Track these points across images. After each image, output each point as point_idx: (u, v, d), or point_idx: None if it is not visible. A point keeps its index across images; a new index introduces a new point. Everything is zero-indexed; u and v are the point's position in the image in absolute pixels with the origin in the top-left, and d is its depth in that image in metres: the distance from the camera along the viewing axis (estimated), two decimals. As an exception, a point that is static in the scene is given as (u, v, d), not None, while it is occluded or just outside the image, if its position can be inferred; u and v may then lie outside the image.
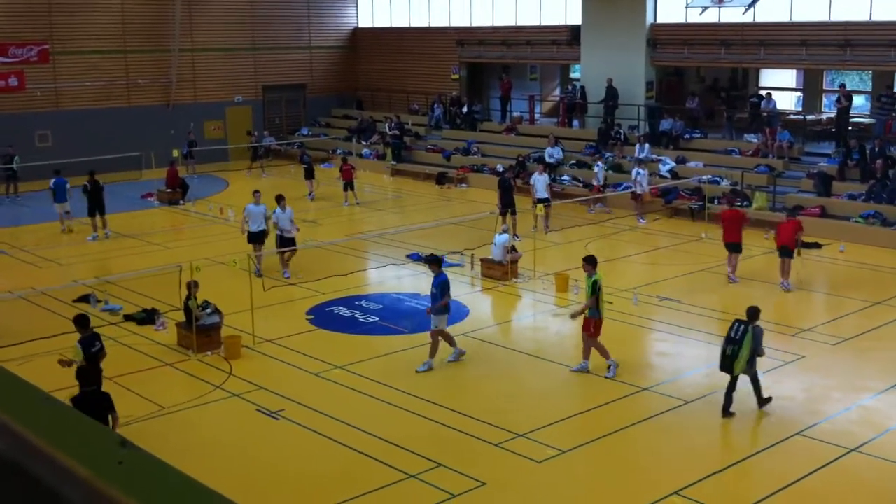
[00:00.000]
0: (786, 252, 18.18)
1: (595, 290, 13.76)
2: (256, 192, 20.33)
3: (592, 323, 13.89)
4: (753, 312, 12.57)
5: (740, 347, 12.15)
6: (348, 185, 28.45)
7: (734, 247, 19.13)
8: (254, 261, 18.16)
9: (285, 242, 19.49)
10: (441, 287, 14.22)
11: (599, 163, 27.86)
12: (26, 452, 1.73)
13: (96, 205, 24.53)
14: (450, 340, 14.54)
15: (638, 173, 25.09)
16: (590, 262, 14.12)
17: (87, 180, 24.77)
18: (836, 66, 29.17)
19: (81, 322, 12.33)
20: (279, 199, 19.78)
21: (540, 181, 23.97)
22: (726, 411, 12.29)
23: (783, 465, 10.95)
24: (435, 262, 14.74)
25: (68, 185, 25.20)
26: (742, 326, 12.32)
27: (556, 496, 10.38)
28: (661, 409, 12.64)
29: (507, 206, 22.65)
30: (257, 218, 19.79)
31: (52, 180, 25.21)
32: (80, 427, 1.86)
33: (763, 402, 12.51)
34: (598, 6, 31.53)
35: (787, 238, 18.11)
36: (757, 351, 12.31)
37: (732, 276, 19.05)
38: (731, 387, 12.29)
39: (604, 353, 13.91)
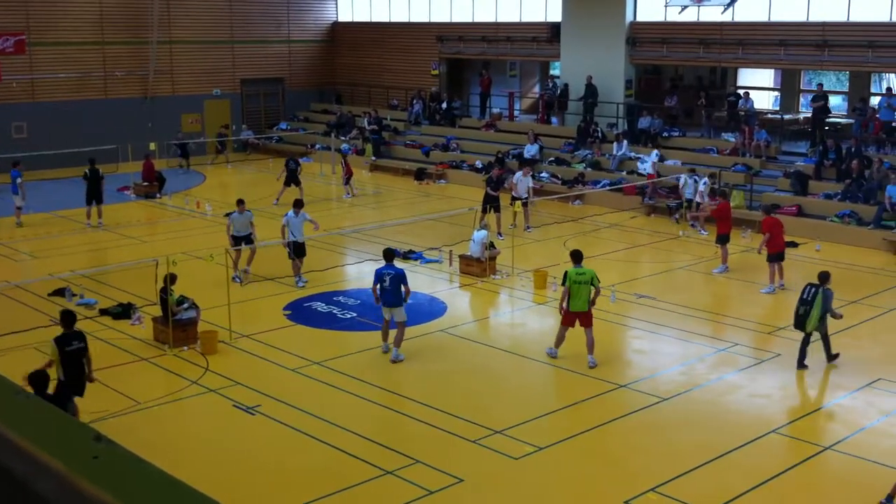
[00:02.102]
0: (781, 257, 18.27)
1: (564, 280, 14.34)
2: (240, 200, 19.45)
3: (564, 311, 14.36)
4: (824, 276, 13.80)
5: (811, 308, 13.46)
6: (349, 179, 28.95)
7: (727, 238, 19.59)
8: (231, 256, 17.99)
9: (298, 249, 18.76)
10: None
11: (705, 178, 24.18)
12: (1, 447, 1.70)
13: (94, 194, 24.41)
14: (385, 335, 14.79)
15: (700, 181, 23.56)
16: (571, 255, 14.81)
17: (87, 168, 24.74)
18: (814, 67, 29.39)
19: (64, 318, 11.95)
20: (297, 203, 19.15)
21: (523, 182, 23.87)
22: (801, 364, 13.80)
23: (758, 462, 11.01)
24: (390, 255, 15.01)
25: (19, 180, 24.70)
26: (813, 289, 13.59)
27: (533, 493, 10.39)
28: (638, 406, 12.68)
29: (490, 203, 22.69)
30: (242, 226, 19.01)
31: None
32: (54, 421, 1.84)
33: (831, 357, 13.92)
34: (578, 4, 31.60)
35: (781, 244, 18.27)
36: (829, 312, 13.59)
37: (724, 265, 19.55)
38: (805, 342, 13.79)
39: (557, 338, 14.41)
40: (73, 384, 11.49)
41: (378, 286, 14.44)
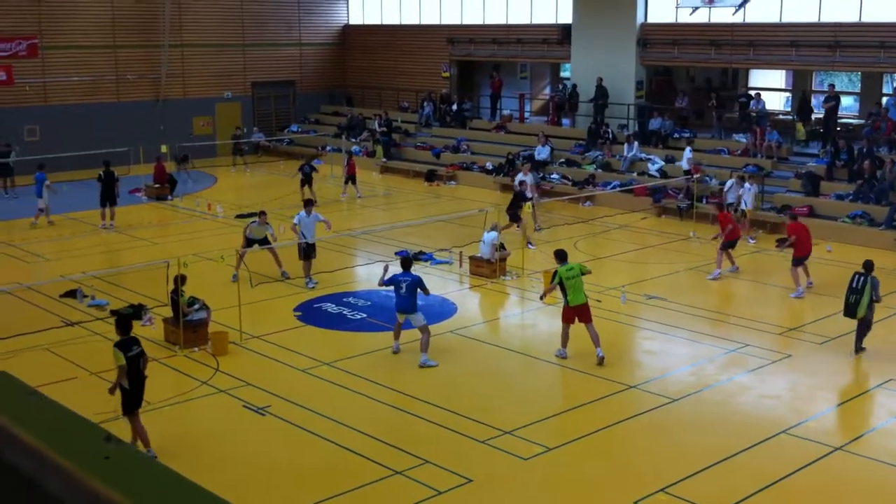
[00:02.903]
0: (802, 261, 18.26)
1: (553, 279, 14.73)
2: (263, 212, 19.35)
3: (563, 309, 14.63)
4: (870, 265, 14.50)
5: (862, 296, 14.14)
6: (350, 179, 28.69)
7: (733, 244, 19.68)
8: (237, 257, 18.06)
9: (309, 250, 18.77)
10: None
11: (748, 184, 23.07)
12: (11, 446, 1.73)
13: (107, 196, 24.59)
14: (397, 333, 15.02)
15: (746, 188, 22.78)
16: (556, 255, 15.13)
17: (101, 171, 24.94)
18: (826, 67, 29.28)
19: (121, 324, 11.76)
20: (307, 203, 19.13)
21: (526, 181, 23.81)
22: (858, 350, 14.46)
23: (769, 463, 10.99)
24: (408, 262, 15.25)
25: (47, 182, 25.07)
26: (862, 278, 14.26)
27: (543, 493, 10.40)
28: (648, 407, 12.68)
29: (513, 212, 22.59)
30: (259, 234, 19.04)
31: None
32: (65, 421, 1.86)
33: (860, 348, 14.37)
34: (589, 5, 31.57)
35: (808, 248, 18.33)
36: (875, 298, 14.22)
37: (733, 266, 19.60)
38: (860, 328, 14.43)
39: (562, 338, 14.54)
40: (137, 394, 11.38)
41: (392, 288, 14.70)
